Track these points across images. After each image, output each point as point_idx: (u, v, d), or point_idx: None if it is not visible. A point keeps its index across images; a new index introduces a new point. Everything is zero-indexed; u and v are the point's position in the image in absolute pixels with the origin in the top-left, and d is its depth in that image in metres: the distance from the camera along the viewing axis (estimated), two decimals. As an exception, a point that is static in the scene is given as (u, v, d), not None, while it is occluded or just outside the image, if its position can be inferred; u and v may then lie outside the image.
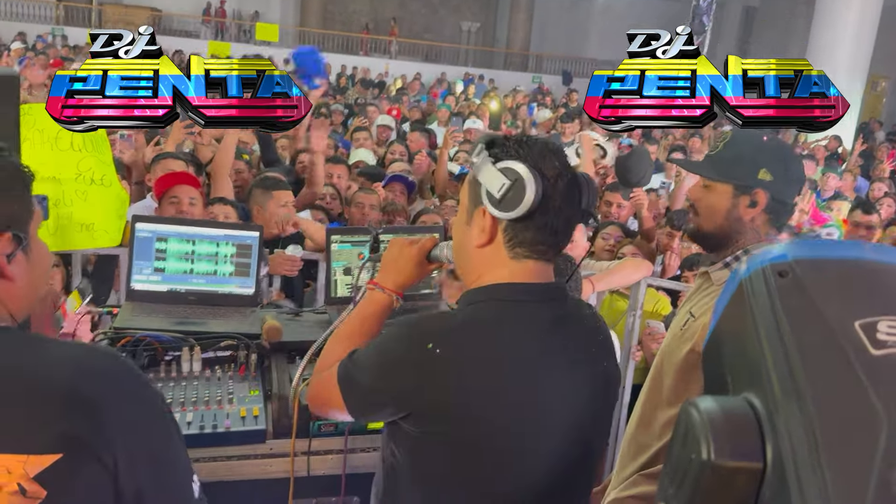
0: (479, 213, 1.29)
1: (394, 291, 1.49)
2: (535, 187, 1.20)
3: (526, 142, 1.28)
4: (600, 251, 3.86)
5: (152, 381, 1.18)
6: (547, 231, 1.27)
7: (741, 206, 1.70)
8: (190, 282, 2.25)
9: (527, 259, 1.28)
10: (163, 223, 2.28)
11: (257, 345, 2.00)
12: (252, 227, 2.36)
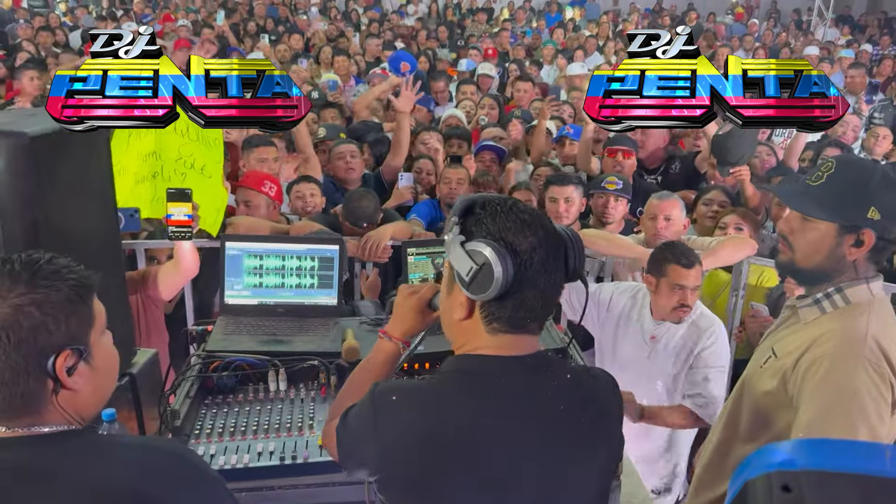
0: (456, 289, 1.28)
1: (399, 340, 1.51)
2: (504, 269, 1.17)
3: (500, 212, 1.23)
4: (702, 217, 3.67)
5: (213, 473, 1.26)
6: (524, 308, 1.24)
7: (845, 246, 1.59)
8: (278, 295, 2.36)
9: (506, 333, 1.26)
10: (250, 241, 2.38)
11: (337, 365, 2.09)
12: (333, 241, 2.42)
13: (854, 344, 1.52)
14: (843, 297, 1.61)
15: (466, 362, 1.28)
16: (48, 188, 1.72)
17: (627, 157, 4.14)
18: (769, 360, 1.69)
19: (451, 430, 1.21)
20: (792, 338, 1.67)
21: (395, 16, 14.84)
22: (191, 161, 2.95)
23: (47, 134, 1.72)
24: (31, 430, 1.13)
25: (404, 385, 1.33)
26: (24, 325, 1.10)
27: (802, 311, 1.68)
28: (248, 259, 2.33)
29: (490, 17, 15.25)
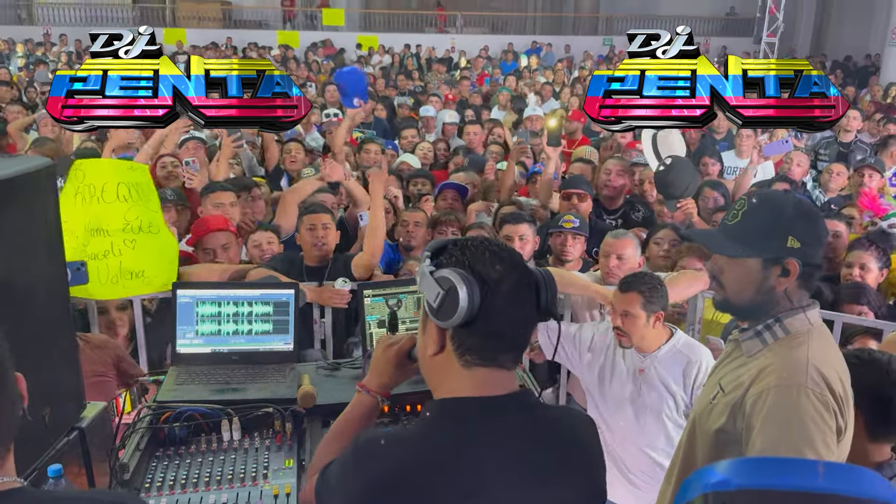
0: (429, 323, 1.29)
1: (378, 393, 1.50)
2: (469, 294, 1.19)
3: (470, 246, 1.26)
4: (654, 257, 3.71)
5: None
6: (493, 337, 1.24)
7: (773, 278, 1.62)
8: (232, 342, 2.33)
9: (479, 367, 1.26)
10: (201, 288, 2.35)
11: (293, 412, 2.05)
12: (287, 286, 2.41)
13: (796, 374, 1.54)
14: (782, 328, 1.64)
15: (446, 406, 1.27)
16: (-9, 238, 1.68)
17: (582, 200, 4.20)
18: (717, 396, 1.69)
19: (436, 475, 1.20)
20: (737, 372, 1.68)
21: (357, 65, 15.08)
22: (137, 224, 2.94)
23: (-10, 182, 1.69)
24: None
25: (386, 434, 1.31)
26: None
27: (745, 345, 1.69)
28: (200, 307, 2.30)
29: (449, 68, 15.56)
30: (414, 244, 3.84)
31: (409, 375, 1.52)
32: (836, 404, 1.51)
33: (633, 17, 23.31)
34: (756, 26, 18.44)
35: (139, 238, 2.93)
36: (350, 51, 19.53)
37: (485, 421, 1.24)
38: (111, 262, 2.86)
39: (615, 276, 3.16)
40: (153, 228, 2.97)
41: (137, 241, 2.92)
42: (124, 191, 2.89)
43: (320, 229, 3.47)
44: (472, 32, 23.26)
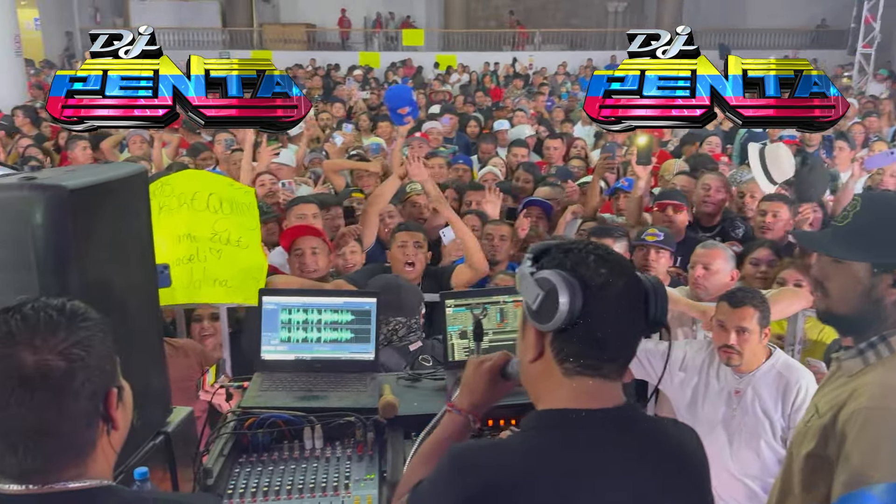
0: (528, 327, 1.25)
1: (469, 412, 1.43)
2: (570, 297, 1.15)
3: (574, 249, 1.22)
4: (750, 278, 3.50)
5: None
6: (593, 343, 1.19)
7: (882, 287, 1.48)
8: (314, 350, 2.32)
9: (580, 376, 1.20)
10: (286, 295, 2.36)
11: (375, 422, 2.02)
12: (369, 294, 2.38)
13: (890, 396, 1.40)
14: (888, 346, 1.49)
15: (549, 418, 1.21)
16: (86, 242, 1.72)
17: (678, 211, 4.05)
18: (812, 419, 1.57)
19: (536, 487, 1.14)
20: (834, 393, 1.54)
21: (435, 82, 15.24)
22: (226, 236, 2.97)
23: (86, 188, 1.73)
24: (55, 487, 1.08)
25: (485, 443, 1.29)
26: (77, 371, 1.07)
27: (846, 364, 1.56)
28: (284, 313, 2.30)
29: (526, 83, 15.53)
30: (499, 258, 3.77)
31: (501, 394, 1.46)
32: None
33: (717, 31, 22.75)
34: (850, 37, 17.65)
35: (225, 249, 2.96)
36: (428, 70, 19.79)
37: (590, 434, 1.18)
38: (195, 266, 2.89)
39: (702, 287, 3.02)
40: (242, 243, 2.99)
41: (224, 251, 2.95)
42: (215, 202, 2.93)
43: (411, 247, 3.43)
44: (551, 49, 23.18)
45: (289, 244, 3.42)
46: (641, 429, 1.24)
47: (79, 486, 1.08)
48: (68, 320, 1.09)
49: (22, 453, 1.04)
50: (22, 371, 1.03)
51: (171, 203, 2.85)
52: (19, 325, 1.06)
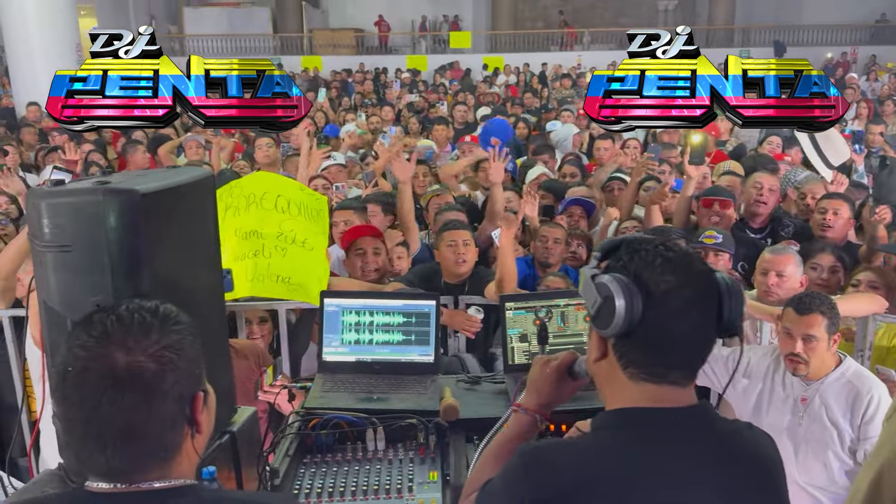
0: (592, 329, 1.24)
1: (536, 412, 1.42)
2: (628, 305, 1.12)
3: (643, 250, 1.17)
4: (810, 284, 3.31)
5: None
6: (657, 352, 1.16)
7: None
8: (374, 352, 2.33)
9: (646, 382, 1.17)
10: (347, 297, 2.38)
11: (436, 424, 2.01)
12: (429, 297, 2.39)
13: None
14: None
15: (623, 417, 1.19)
16: (157, 244, 1.76)
17: (725, 207, 3.95)
18: None
19: (611, 486, 1.13)
20: None
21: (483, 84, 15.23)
22: (292, 236, 3.00)
23: (158, 192, 1.76)
24: (142, 487, 1.10)
25: (555, 443, 1.27)
26: (167, 373, 1.09)
27: None
28: (345, 315, 2.32)
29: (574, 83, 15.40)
30: (552, 261, 3.74)
31: (570, 394, 1.44)
32: None
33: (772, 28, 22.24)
34: (913, 32, 17.04)
35: (291, 248, 2.98)
36: (476, 71, 19.78)
37: (666, 435, 1.16)
38: (260, 261, 2.93)
39: (775, 294, 2.93)
40: (308, 245, 3.01)
41: (289, 250, 2.98)
42: (283, 203, 2.97)
43: (461, 246, 3.43)
44: (600, 49, 22.93)
45: (348, 244, 3.44)
46: (717, 428, 1.21)
47: (164, 485, 1.10)
48: (161, 323, 1.11)
49: (110, 452, 1.06)
50: (115, 371, 1.05)
51: (240, 203, 2.89)
52: (114, 326, 1.09)
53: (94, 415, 1.05)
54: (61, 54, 12.55)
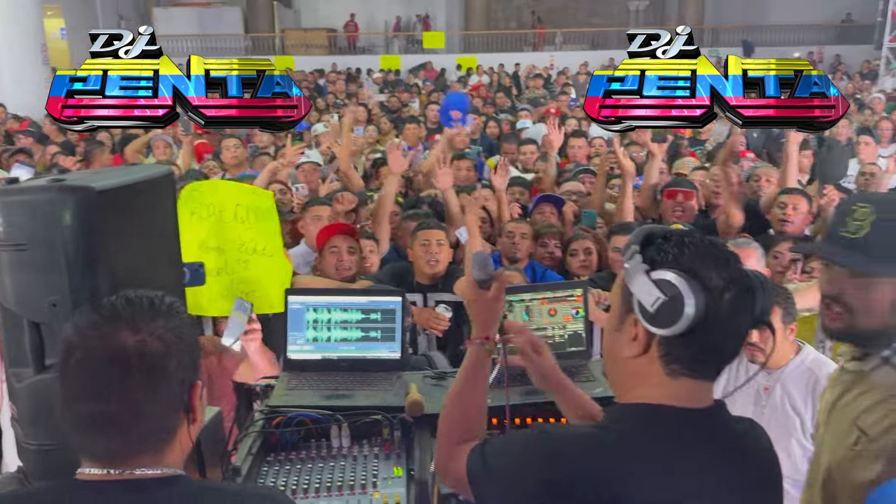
0: (630, 321, 1.19)
1: (478, 337, 1.46)
2: (696, 303, 1.09)
3: (688, 244, 1.15)
4: (773, 274, 3.42)
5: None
6: (710, 350, 1.15)
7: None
8: (340, 349, 2.32)
9: (685, 377, 1.16)
10: (311, 295, 2.37)
11: (401, 420, 2.01)
12: (394, 293, 2.38)
13: None
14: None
15: (645, 412, 1.17)
16: (115, 242, 1.74)
17: (688, 198, 4.01)
18: (860, 441, 1.47)
19: (636, 484, 1.10)
20: (880, 411, 1.45)
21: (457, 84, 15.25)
22: (252, 246, 2.99)
23: (114, 189, 1.74)
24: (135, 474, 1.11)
25: (574, 433, 1.24)
26: (172, 355, 1.11)
27: (875, 376, 1.48)
28: (310, 313, 2.31)
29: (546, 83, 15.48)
30: (519, 256, 3.76)
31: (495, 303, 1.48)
32: None
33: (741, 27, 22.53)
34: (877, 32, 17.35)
35: (252, 259, 2.97)
36: (450, 72, 19.80)
37: (691, 433, 1.15)
38: (223, 279, 2.93)
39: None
40: (267, 251, 3.00)
41: (250, 261, 2.96)
42: (242, 213, 2.95)
43: (434, 245, 3.43)
44: (572, 49, 23.08)
45: (323, 242, 3.43)
46: (734, 429, 1.22)
47: (156, 473, 1.11)
48: (167, 308, 1.16)
49: (112, 432, 1.08)
50: (124, 349, 1.08)
51: (201, 211, 2.87)
52: (125, 307, 1.13)
53: (101, 393, 1.07)
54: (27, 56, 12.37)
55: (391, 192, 3.97)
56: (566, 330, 2.37)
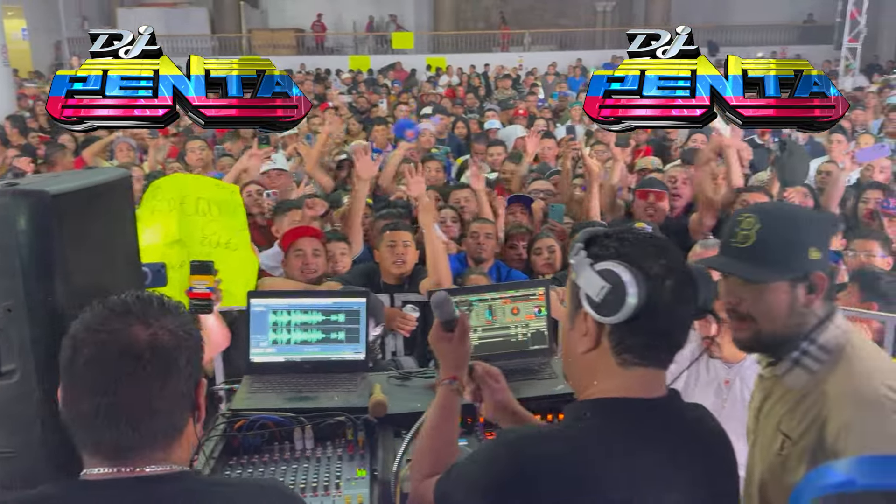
0: (580, 317, 1.23)
1: (445, 378, 1.48)
2: (638, 289, 1.14)
3: (628, 238, 1.21)
4: None
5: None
6: (657, 335, 1.19)
7: (801, 297, 1.47)
8: (304, 351, 2.32)
9: (637, 367, 1.20)
10: (274, 297, 2.36)
11: (365, 421, 2.02)
12: (358, 294, 2.38)
13: (869, 398, 1.38)
14: (821, 348, 1.48)
15: (608, 407, 1.20)
16: (71, 246, 1.72)
17: (659, 199, 4.07)
18: (785, 446, 1.51)
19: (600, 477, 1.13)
20: (798, 413, 1.49)
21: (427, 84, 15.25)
22: (215, 239, 2.96)
23: (70, 192, 1.72)
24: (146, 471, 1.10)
25: (543, 430, 1.28)
26: (182, 350, 1.12)
27: (788, 379, 1.52)
28: (273, 315, 2.30)
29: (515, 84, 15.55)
30: (485, 256, 3.77)
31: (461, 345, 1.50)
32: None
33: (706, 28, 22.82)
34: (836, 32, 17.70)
35: (215, 253, 2.94)
36: (421, 72, 19.77)
37: (648, 424, 1.19)
38: (186, 272, 2.89)
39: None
40: (231, 245, 2.97)
41: (213, 255, 2.93)
42: (204, 206, 2.92)
43: (400, 246, 3.43)
44: (541, 50, 23.20)
45: (288, 245, 3.41)
46: (688, 416, 1.26)
47: (164, 470, 1.11)
48: (175, 308, 1.16)
49: (124, 427, 1.07)
50: (137, 344, 1.08)
51: (161, 206, 2.84)
52: (136, 303, 1.13)
53: (113, 388, 1.07)
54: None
55: (362, 197, 3.96)
56: (529, 328, 2.40)
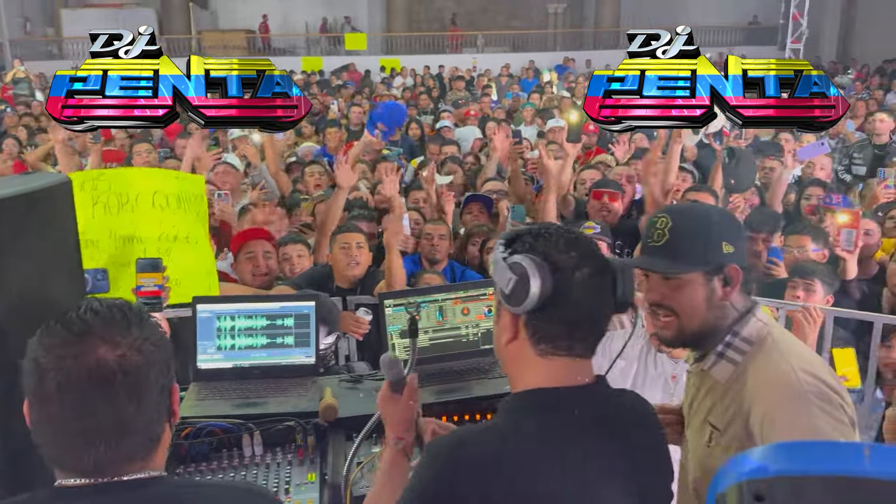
0: (502, 311, 1.28)
1: (391, 439, 1.46)
2: (541, 280, 1.19)
3: (543, 234, 1.26)
4: None
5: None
6: (567, 325, 1.23)
7: (718, 290, 1.52)
8: (252, 356, 2.30)
9: (554, 356, 1.24)
10: (221, 302, 2.33)
11: (315, 425, 2.01)
12: (308, 297, 2.37)
13: (789, 387, 1.43)
14: (743, 340, 1.53)
15: (527, 399, 1.24)
16: (8, 255, 1.67)
17: (613, 200, 4.14)
18: (713, 437, 1.56)
19: (524, 467, 1.16)
20: (723, 404, 1.54)
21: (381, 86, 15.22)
22: (174, 233, 2.88)
23: (6, 199, 1.68)
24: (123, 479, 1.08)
25: (468, 428, 1.32)
26: (152, 366, 1.09)
27: (714, 372, 1.57)
28: (220, 321, 2.28)
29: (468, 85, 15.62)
30: (439, 257, 3.79)
31: (408, 405, 1.48)
32: (838, 398, 1.42)
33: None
34: (780, 33, 18.21)
35: (174, 247, 2.86)
36: (375, 73, 19.70)
37: (566, 412, 1.22)
38: None
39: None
40: (191, 239, 2.90)
41: (172, 249, 2.85)
42: (161, 200, 2.84)
43: (353, 248, 3.42)
44: (494, 51, 23.33)
45: (238, 247, 3.37)
46: (612, 402, 1.30)
47: (142, 476, 1.09)
48: (137, 317, 1.11)
49: (103, 449, 1.04)
50: (106, 366, 1.04)
51: (111, 201, 2.75)
52: (95, 321, 1.07)
53: (86, 411, 1.04)
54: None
55: (339, 206, 3.93)
56: (479, 328, 2.42)
